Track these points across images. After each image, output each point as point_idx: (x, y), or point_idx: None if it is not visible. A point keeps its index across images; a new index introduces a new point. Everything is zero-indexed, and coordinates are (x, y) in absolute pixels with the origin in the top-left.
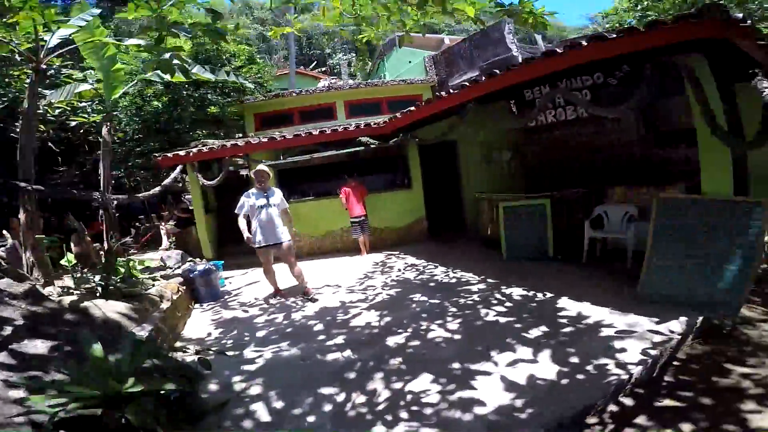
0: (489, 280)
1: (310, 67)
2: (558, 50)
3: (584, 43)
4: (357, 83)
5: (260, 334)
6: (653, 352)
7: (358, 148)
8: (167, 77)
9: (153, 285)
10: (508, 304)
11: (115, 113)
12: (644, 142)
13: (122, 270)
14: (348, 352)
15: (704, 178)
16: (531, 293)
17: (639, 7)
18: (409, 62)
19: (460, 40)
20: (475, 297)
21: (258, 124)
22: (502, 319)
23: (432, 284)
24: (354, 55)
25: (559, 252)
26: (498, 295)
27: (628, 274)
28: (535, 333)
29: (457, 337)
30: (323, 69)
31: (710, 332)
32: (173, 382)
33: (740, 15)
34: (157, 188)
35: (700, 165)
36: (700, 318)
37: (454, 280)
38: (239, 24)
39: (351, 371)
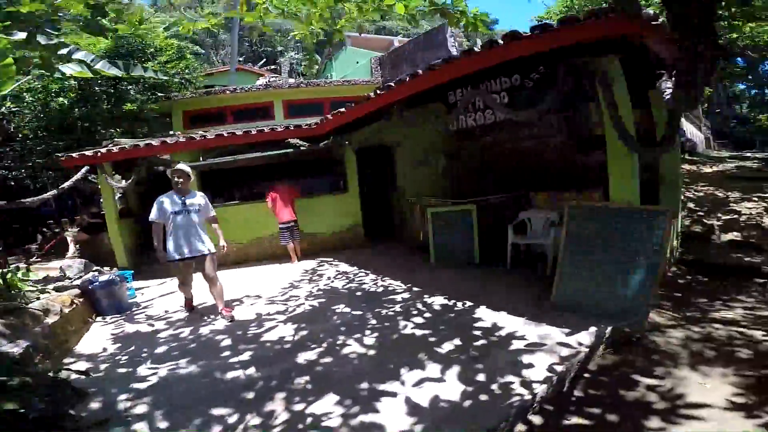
0: (414, 289)
1: (259, 64)
2: (476, 49)
3: (500, 41)
4: (297, 82)
5: (161, 349)
6: (559, 368)
7: (286, 150)
8: (69, 72)
9: (38, 298)
10: (427, 314)
11: (17, 109)
12: (568, 148)
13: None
14: (251, 370)
15: (612, 185)
16: (452, 302)
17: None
18: (357, 63)
19: (407, 41)
20: (398, 308)
21: (187, 123)
22: (419, 332)
23: (359, 294)
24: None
25: (485, 257)
26: (420, 305)
27: (547, 281)
28: (447, 347)
29: (371, 352)
30: (272, 67)
31: (620, 341)
32: (42, 400)
33: (651, 12)
34: (50, 193)
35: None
36: (610, 328)
37: (381, 289)
38: (142, 19)
39: (250, 390)
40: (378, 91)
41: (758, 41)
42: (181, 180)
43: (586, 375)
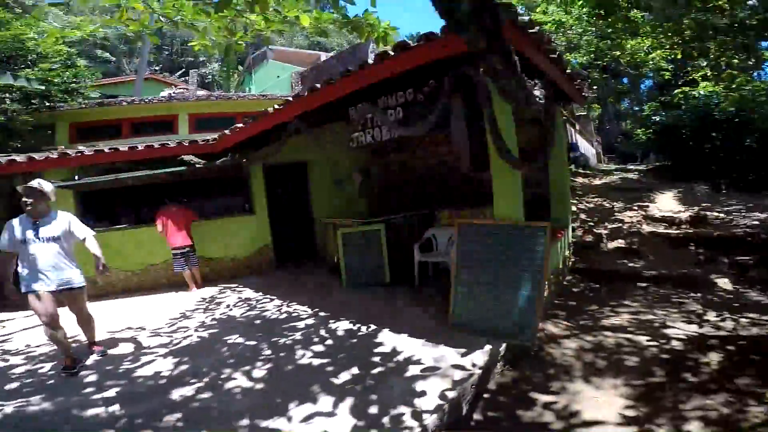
0: (321, 314)
1: (177, 74)
2: (370, 62)
3: (391, 52)
4: (207, 95)
5: (11, 386)
6: (451, 395)
7: (179, 168)
8: None
9: None
10: (329, 342)
11: None
12: (473, 164)
13: None
14: (115, 407)
15: (496, 202)
16: (356, 326)
17: None
18: (278, 77)
19: (330, 56)
20: (298, 335)
21: (75, 137)
22: (316, 362)
23: (258, 321)
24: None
25: (395, 277)
26: (323, 332)
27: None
28: (344, 377)
29: (259, 386)
30: (188, 78)
31: (517, 356)
32: None
33: (527, 19)
34: None
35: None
36: (504, 345)
37: (284, 316)
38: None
39: (111, 429)
40: (276, 106)
41: (637, 58)
42: (30, 200)
43: (486, 395)
